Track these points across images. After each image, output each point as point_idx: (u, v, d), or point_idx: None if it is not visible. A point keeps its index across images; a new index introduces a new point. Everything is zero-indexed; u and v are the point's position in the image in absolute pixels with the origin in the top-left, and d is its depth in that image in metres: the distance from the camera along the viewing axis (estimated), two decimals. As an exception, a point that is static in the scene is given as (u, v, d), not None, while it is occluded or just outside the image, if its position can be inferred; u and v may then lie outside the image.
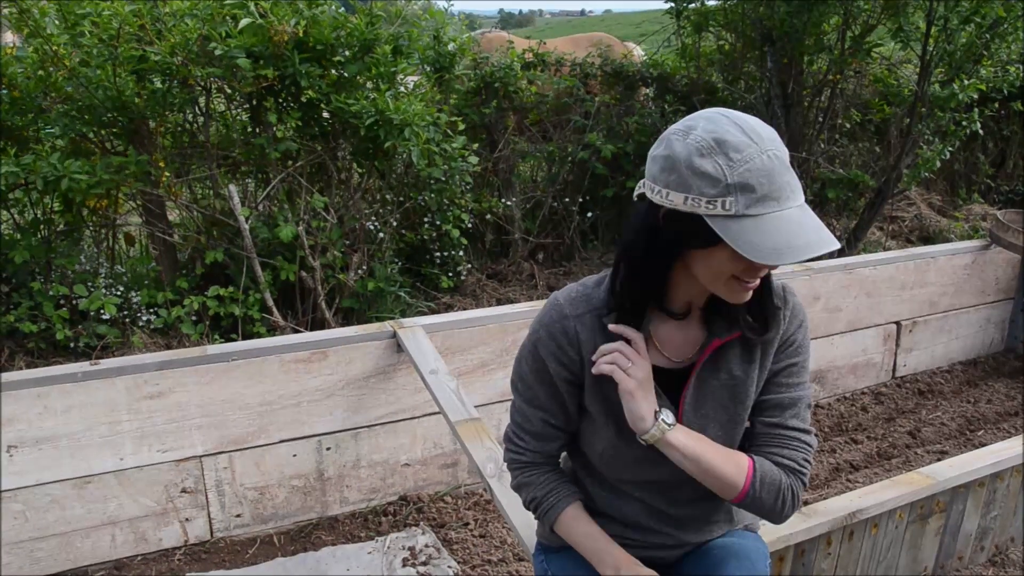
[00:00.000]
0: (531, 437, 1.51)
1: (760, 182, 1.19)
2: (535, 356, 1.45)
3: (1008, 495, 2.65)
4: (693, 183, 1.20)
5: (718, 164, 1.19)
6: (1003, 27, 4.53)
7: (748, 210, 1.19)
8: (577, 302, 1.43)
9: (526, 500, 1.56)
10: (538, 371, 1.45)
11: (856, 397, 4.18)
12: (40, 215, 3.69)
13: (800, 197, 1.23)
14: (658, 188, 1.25)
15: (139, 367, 2.63)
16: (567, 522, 1.51)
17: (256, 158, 3.85)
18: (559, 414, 1.49)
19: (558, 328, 1.42)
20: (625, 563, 1.47)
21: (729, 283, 1.29)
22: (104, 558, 2.71)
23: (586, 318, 1.42)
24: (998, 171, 7.05)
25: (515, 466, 1.55)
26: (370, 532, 2.93)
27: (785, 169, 1.22)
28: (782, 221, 1.20)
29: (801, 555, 2.15)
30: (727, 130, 1.21)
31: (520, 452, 1.53)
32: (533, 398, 1.48)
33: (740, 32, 5.10)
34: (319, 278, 3.81)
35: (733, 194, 1.19)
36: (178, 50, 3.42)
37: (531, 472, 1.54)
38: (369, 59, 3.64)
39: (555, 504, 1.52)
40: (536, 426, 1.50)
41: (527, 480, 1.54)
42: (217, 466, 2.79)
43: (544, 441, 1.51)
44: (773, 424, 1.46)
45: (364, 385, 2.96)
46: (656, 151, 1.27)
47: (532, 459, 1.53)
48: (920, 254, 4.33)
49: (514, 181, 5.10)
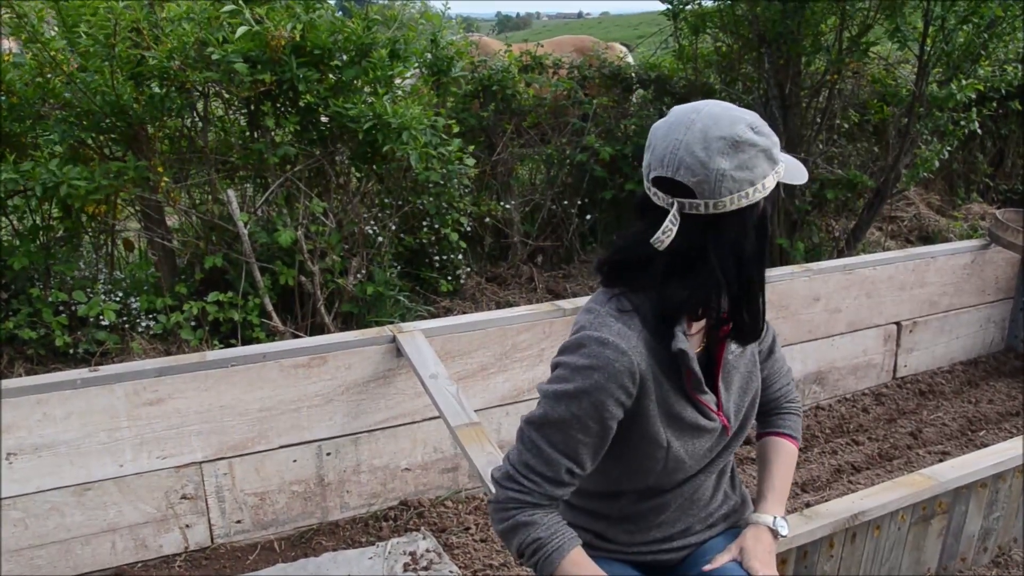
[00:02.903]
0: (547, 483, 1.42)
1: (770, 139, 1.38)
2: (588, 402, 1.35)
3: (1010, 496, 2.65)
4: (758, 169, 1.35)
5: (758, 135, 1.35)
6: (1001, 26, 4.53)
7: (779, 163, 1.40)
8: (625, 335, 1.37)
9: (525, 540, 1.44)
10: (588, 418, 1.37)
11: (857, 398, 4.18)
12: (39, 221, 3.68)
13: None
14: (732, 196, 1.31)
15: (138, 373, 2.62)
16: (573, 563, 1.43)
17: (254, 163, 3.85)
18: (589, 464, 1.43)
19: (621, 367, 1.35)
20: None
21: None
22: (104, 565, 2.70)
23: (640, 347, 1.37)
24: (996, 170, 7.05)
25: (513, 505, 1.44)
26: (371, 537, 2.92)
27: None
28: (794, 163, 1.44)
29: (804, 557, 2.15)
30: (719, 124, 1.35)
31: (526, 493, 1.43)
32: (568, 448, 1.39)
33: (737, 33, 5.10)
34: (318, 283, 3.81)
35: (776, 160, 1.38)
36: (175, 54, 3.41)
37: (535, 512, 1.44)
38: (366, 63, 3.63)
39: (561, 545, 1.43)
40: (558, 474, 1.41)
41: (529, 520, 1.43)
42: (217, 472, 2.78)
43: (558, 487, 1.43)
44: (781, 387, 1.76)
45: (364, 390, 2.95)
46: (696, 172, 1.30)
47: (538, 501, 1.44)
48: (920, 254, 4.32)
49: (513, 184, 5.09)
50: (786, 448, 1.73)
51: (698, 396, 1.45)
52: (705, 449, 1.51)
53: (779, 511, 1.65)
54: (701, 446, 1.49)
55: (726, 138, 1.28)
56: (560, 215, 5.18)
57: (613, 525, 1.58)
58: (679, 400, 1.44)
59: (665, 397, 1.42)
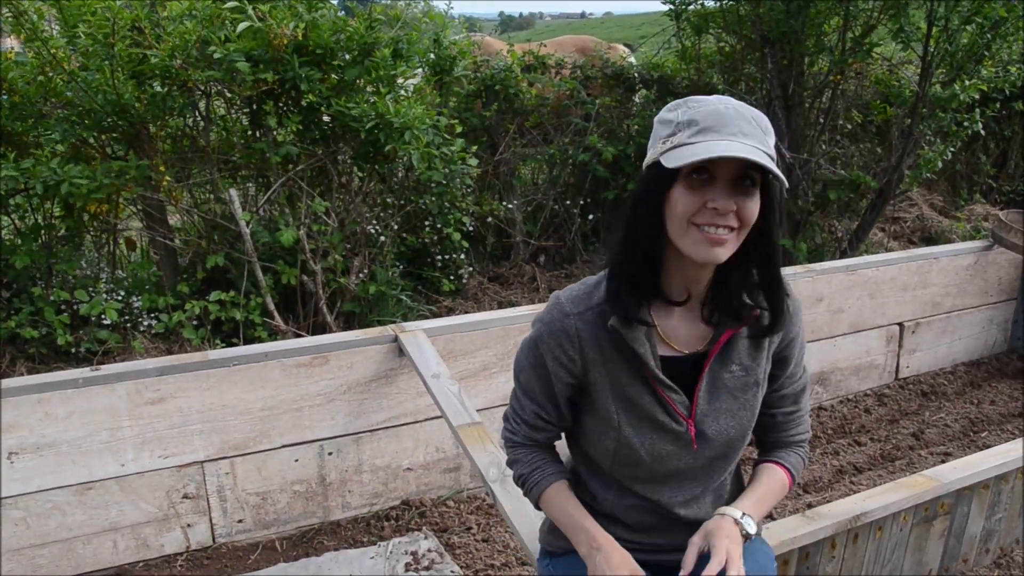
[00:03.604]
0: (524, 425, 1.57)
1: (706, 118, 1.28)
2: (535, 352, 1.49)
3: (1013, 497, 2.64)
4: (657, 133, 1.34)
5: (677, 112, 1.32)
6: (1004, 27, 4.52)
7: (690, 139, 1.28)
8: (578, 300, 1.45)
9: (515, 476, 1.63)
10: (536, 367, 1.49)
11: (859, 399, 4.17)
12: (41, 220, 3.68)
13: (749, 140, 1.27)
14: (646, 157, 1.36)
15: (140, 373, 2.62)
16: (548, 500, 1.56)
17: (257, 162, 3.85)
18: (552, 411, 1.53)
19: (559, 327, 1.44)
20: (601, 542, 1.47)
21: (691, 232, 1.31)
22: (106, 564, 2.70)
23: (588, 315, 1.43)
24: (999, 171, 7.04)
25: (508, 444, 1.63)
26: (372, 537, 2.92)
27: (742, 119, 1.29)
28: (718, 143, 1.25)
29: (806, 558, 2.14)
30: (702, 98, 1.34)
31: (513, 433, 1.60)
32: (529, 390, 1.54)
33: (740, 34, 5.09)
34: (320, 282, 3.80)
35: (681, 130, 1.29)
36: (177, 53, 3.41)
37: (520, 450, 1.60)
38: (369, 63, 3.63)
39: (539, 482, 1.57)
40: (529, 416, 1.55)
41: (516, 457, 1.61)
42: (219, 471, 2.78)
43: (534, 431, 1.57)
44: (790, 412, 1.62)
45: (366, 389, 2.95)
46: None
47: (523, 441, 1.60)
48: (922, 255, 4.32)
49: (515, 184, 5.09)
50: (779, 477, 1.60)
51: (661, 390, 1.43)
52: (666, 452, 1.46)
53: (750, 512, 1.52)
54: (661, 446, 1.46)
55: (674, 103, 1.35)
56: (562, 215, 5.18)
57: (600, 519, 1.56)
58: (634, 384, 1.44)
59: (618, 376, 1.44)
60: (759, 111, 1.33)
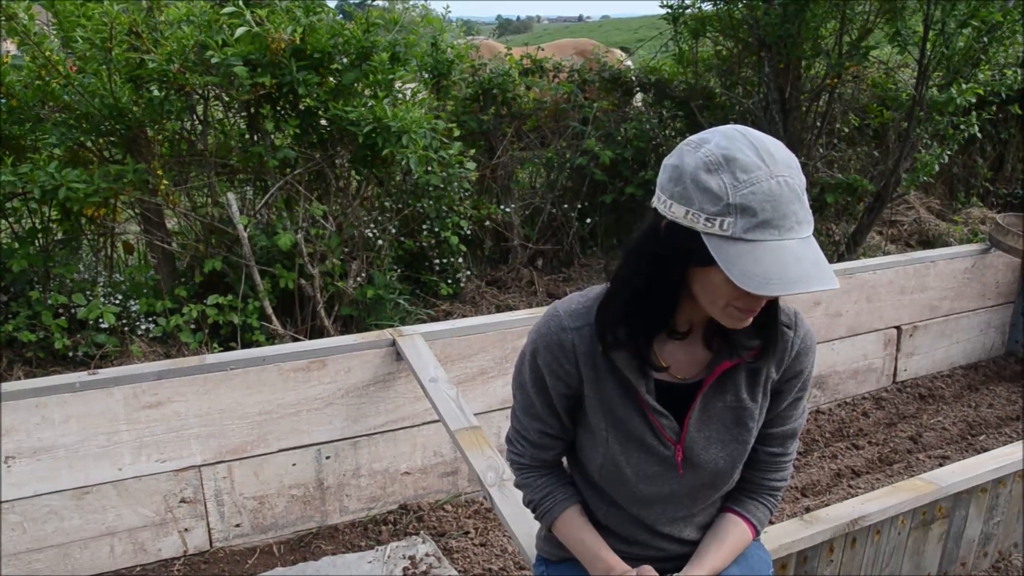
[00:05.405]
0: (528, 445, 1.53)
1: (763, 207, 1.15)
2: (532, 367, 1.44)
3: (1011, 500, 2.64)
4: (695, 197, 1.18)
5: (723, 182, 1.16)
6: (1001, 31, 4.53)
7: (745, 234, 1.15)
8: (577, 315, 1.40)
9: (525, 500, 1.59)
10: (535, 382, 1.45)
11: (857, 402, 4.17)
12: (38, 224, 3.68)
13: (807, 230, 1.19)
14: (664, 197, 1.23)
15: (137, 377, 2.62)
16: (561, 527, 1.53)
17: (254, 166, 3.85)
18: (555, 424, 1.49)
19: (555, 340, 1.40)
20: (617, 568, 1.46)
21: (727, 309, 1.26)
22: (103, 569, 2.69)
23: (585, 331, 1.39)
24: (996, 174, 7.05)
25: (515, 467, 1.58)
26: (370, 541, 2.92)
27: (795, 198, 1.17)
28: (780, 251, 1.15)
29: (803, 562, 2.14)
30: (740, 148, 1.18)
31: (520, 455, 1.55)
32: (529, 407, 1.48)
33: (737, 37, 5.10)
34: (318, 286, 3.80)
35: (733, 215, 1.15)
36: (175, 57, 3.42)
37: (529, 475, 1.56)
38: (366, 66, 3.64)
39: (551, 509, 1.53)
40: (532, 436, 1.51)
41: (525, 482, 1.57)
42: (216, 476, 2.78)
43: (540, 449, 1.53)
44: (776, 454, 1.54)
45: (363, 393, 2.95)
46: (668, 160, 1.25)
47: (531, 463, 1.55)
48: (920, 258, 4.32)
49: (513, 188, 5.09)
50: (746, 538, 1.55)
51: (651, 414, 1.41)
52: (652, 473, 1.45)
53: (719, 568, 1.51)
54: (647, 467, 1.44)
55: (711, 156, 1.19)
56: (560, 219, 5.18)
57: (601, 531, 1.56)
58: (625, 405, 1.41)
59: (609, 395, 1.41)
60: (791, 155, 1.22)
